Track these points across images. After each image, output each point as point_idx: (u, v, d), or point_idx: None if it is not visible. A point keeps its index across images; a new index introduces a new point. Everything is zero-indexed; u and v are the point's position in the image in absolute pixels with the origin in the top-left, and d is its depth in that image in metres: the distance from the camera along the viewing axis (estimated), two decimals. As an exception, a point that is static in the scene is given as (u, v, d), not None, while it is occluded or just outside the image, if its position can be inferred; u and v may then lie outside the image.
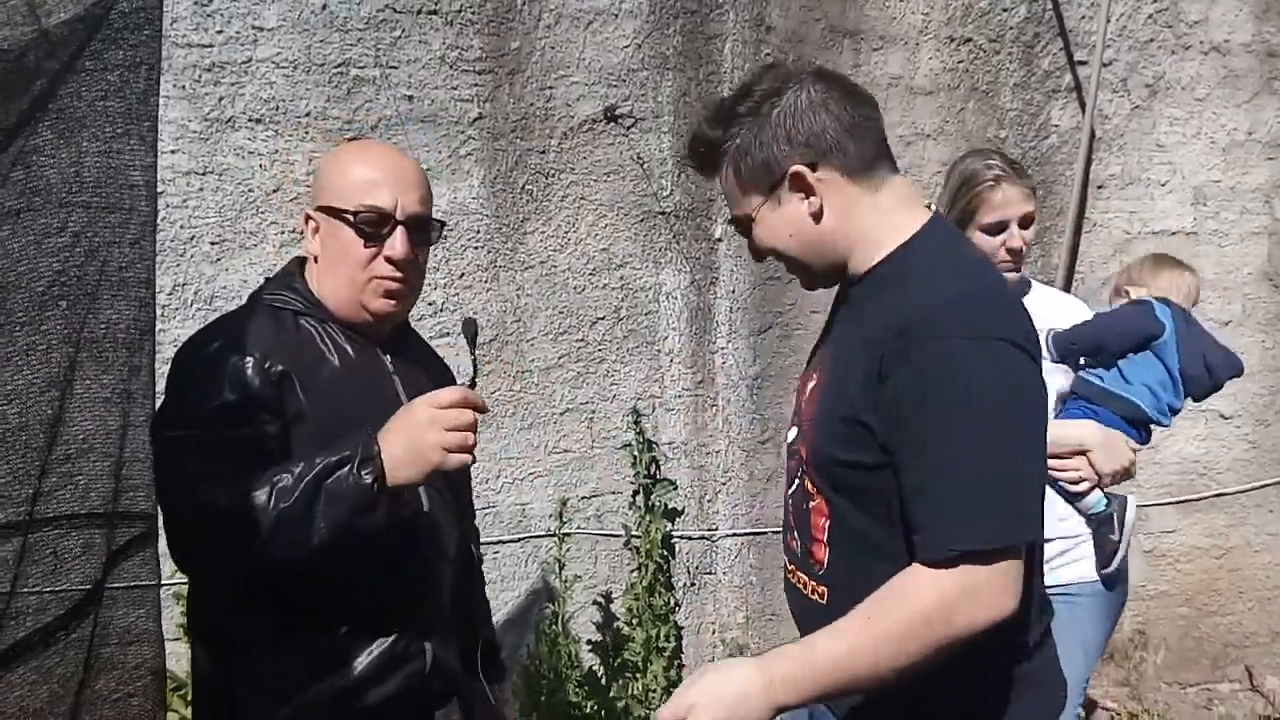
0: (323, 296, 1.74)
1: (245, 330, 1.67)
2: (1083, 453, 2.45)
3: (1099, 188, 3.86)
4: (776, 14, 3.49)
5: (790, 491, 1.68)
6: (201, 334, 1.73)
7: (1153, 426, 2.57)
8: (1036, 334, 1.51)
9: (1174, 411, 2.56)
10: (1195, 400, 2.63)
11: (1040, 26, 3.73)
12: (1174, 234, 3.92)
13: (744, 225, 1.64)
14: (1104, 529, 2.46)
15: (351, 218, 1.67)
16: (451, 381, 1.87)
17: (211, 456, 1.57)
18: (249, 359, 1.62)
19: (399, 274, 1.71)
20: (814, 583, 1.63)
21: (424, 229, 1.74)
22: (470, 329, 1.74)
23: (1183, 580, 4.10)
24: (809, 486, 1.60)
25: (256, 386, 1.61)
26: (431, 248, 1.82)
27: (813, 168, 1.53)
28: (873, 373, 1.45)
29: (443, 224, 1.81)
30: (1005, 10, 3.68)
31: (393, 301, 1.73)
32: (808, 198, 1.54)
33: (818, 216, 1.55)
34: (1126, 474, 2.50)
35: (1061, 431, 2.44)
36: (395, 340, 1.80)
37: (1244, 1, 3.87)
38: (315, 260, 1.75)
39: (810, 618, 1.62)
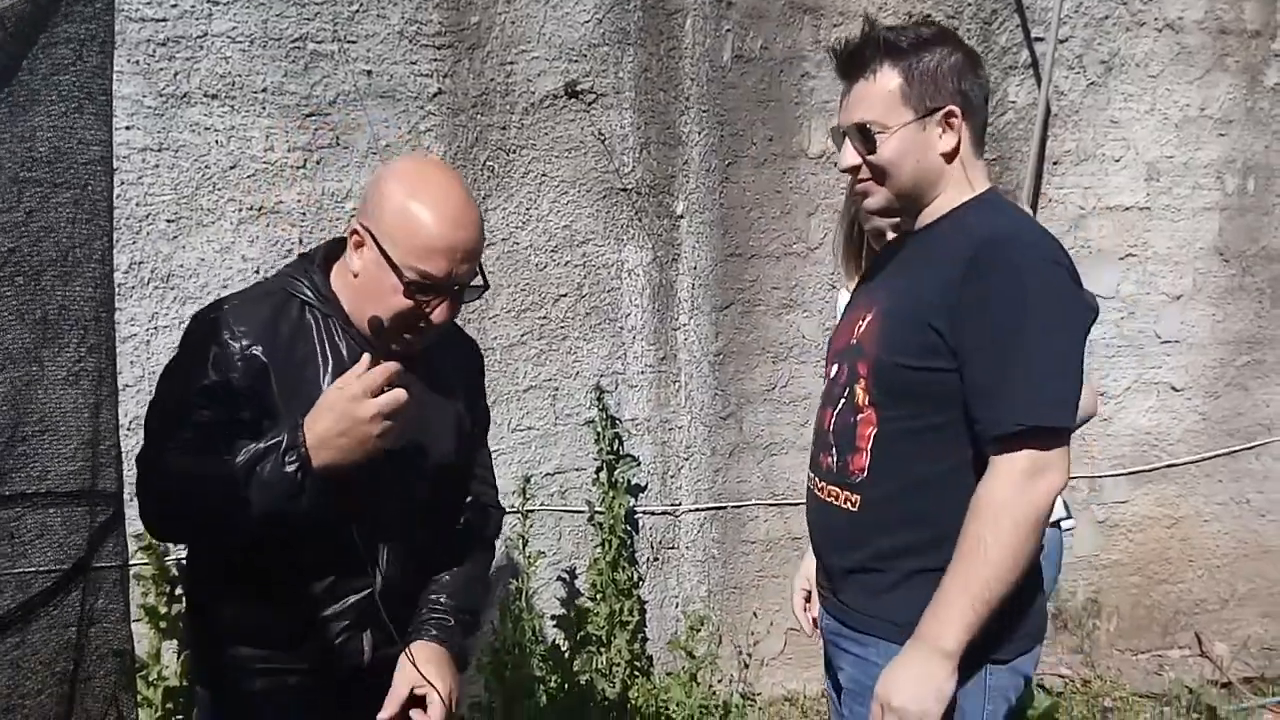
0: (344, 301, 1.73)
1: (246, 310, 1.70)
2: None
3: (1054, 163, 3.91)
4: (737, -10, 3.49)
5: (835, 411, 1.83)
6: (213, 304, 1.76)
7: None
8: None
9: None
10: None
11: (998, 3, 3.76)
12: (1128, 209, 3.99)
13: (865, 133, 1.76)
14: None
15: (402, 277, 1.63)
16: (464, 394, 1.88)
17: (177, 427, 1.65)
18: (236, 343, 1.65)
19: (433, 330, 1.69)
20: (847, 492, 1.80)
21: (473, 293, 1.72)
22: (375, 322, 1.70)
23: (1135, 549, 4.19)
24: (860, 400, 1.78)
25: (234, 373, 1.64)
26: None
27: (962, 115, 1.74)
28: (953, 283, 1.66)
29: (487, 286, 1.75)
30: (963, -13, 3.71)
31: (411, 349, 1.71)
32: (945, 134, 1.74)
33: (949, 156, 1.76)
34: None
35: None
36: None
37: (1196, -21, 3.93)
38: (354, 275, 1.70)
39: (838, 526, 1.83)
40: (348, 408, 1.55)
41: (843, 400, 1.81)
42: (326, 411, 1.56)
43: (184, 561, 2.00)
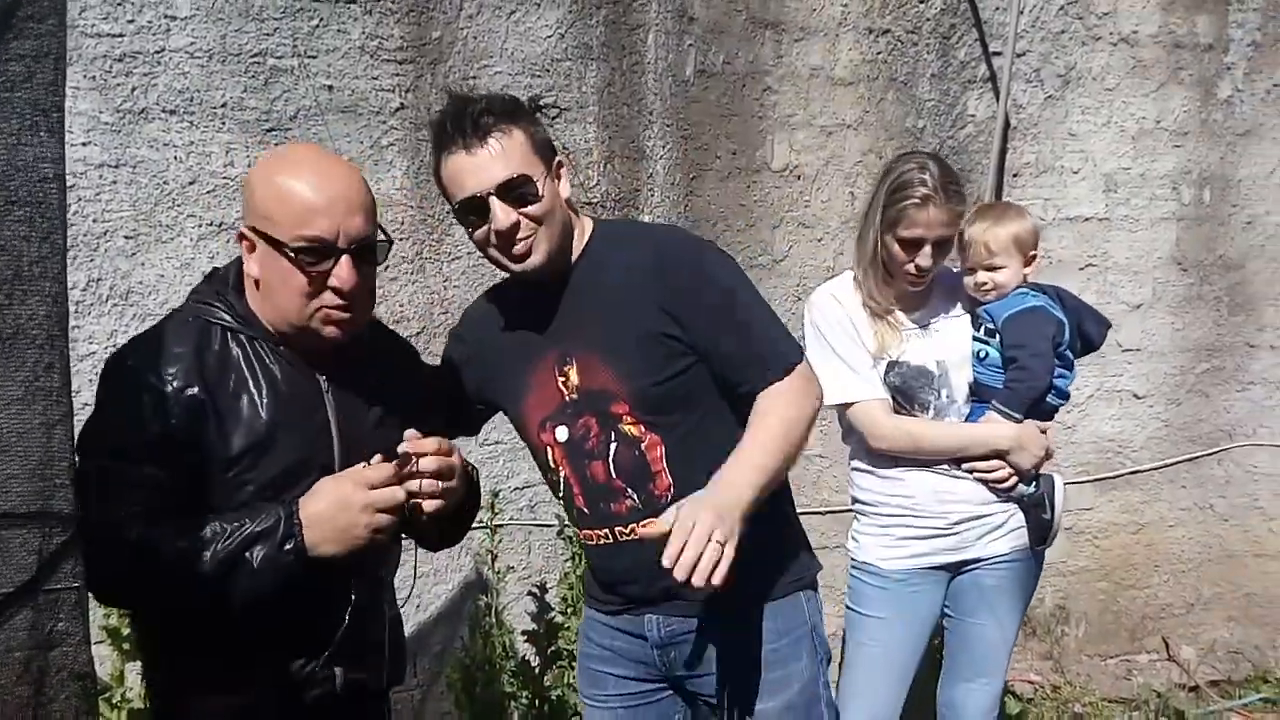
0: (261, 314, 1.66)
1: (169, 348, 1.61)
2: (1001, 454, 2.48)
3: (1014, 176, 3.95)
4: (699, 5, 3.51)
5: (608, 459, 1.87)
6: (129, 347, 1.68)
7: (1062, 404, 2.61)
8: None
9: (1068, 385, 2.59)
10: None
11: (956, 18, 3.81)
12: (1087, 220, 4.04)
13: (525, 185, 1.78)
14: (1037, 509, 2.51)
15: (292, 251, 1.56)
16: (406, 392, 1.80)
17: (127, 490, 1.56)
18: (168, 386, 1.57)
19: (346, 303, 1.61)
20: None
21: (369, 251, 1.63)
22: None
23: (1101, 556, 4.22)
24: (634, 431, 1.86)
25: (172, 418, 1.56)
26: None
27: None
28: (655, 294, 1.82)
29: (390, 241, 1.70)
30: (922, 2, 3.75)
31: (342, 330, 1.64)
32: (560, 184, 1.86)
33: (568, 203, 1.89)
34: (1048, 456, 2.54)
35: (975, 434, 2.48)
36: (339, 356, 1.70)
37: (1150, -7, 4.00)
38: (255, 284, 1.64)
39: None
40: (342, 492, 1.54)
41: (614, 444, 1.86)
42: (320, 497, 1.55)
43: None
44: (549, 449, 1.93)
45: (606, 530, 1.92)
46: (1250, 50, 4.14)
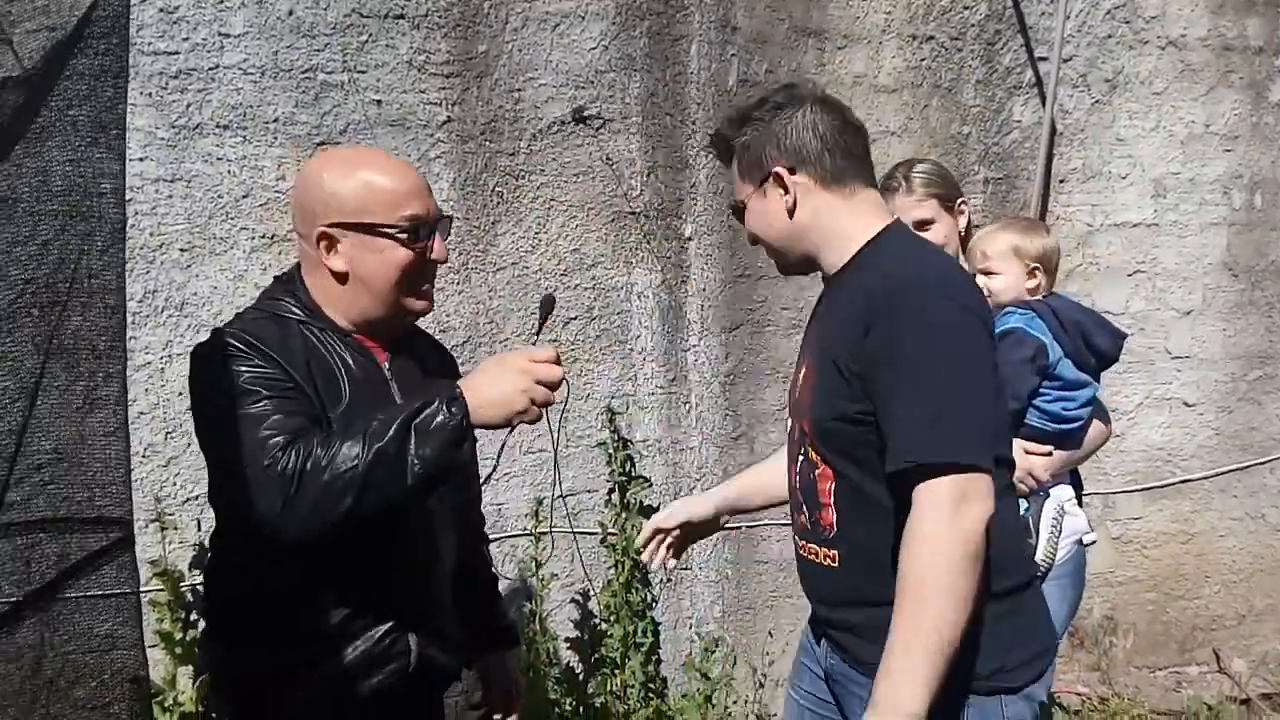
0: (336, 308, 1.78)
1: (253, 331, 1.72)
2: None
3: (1061, 181, 3.92)
4: (742, 15, 3.53)
5: (796, 469, 1.88)
6: (213, 335, 1.74)
7: (1071, 425, 2.48)
8: (985, 301, 1.87)
9: (1084, 403, 2.47)
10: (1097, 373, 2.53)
11: (1001, 24, 3.79)
12: (1135, 226, 3.99)
13: (739, 211, 1.93)
14: (1024, 534, 2.39)
15: (396, 231, 1.73)
16: (450, 375, 1.95)
17: (276, 414, 1.61)
18: (259, 350, 1.68)
19: (435, 272, 1.83)
20: (825, 549, 1.82)
21: (446, 225, 1.85)
22: (546, 306, 1.91)
23: (1150, 565, 4.17)
24: (813, 455, 1.82)
25: (271, 370, 1.66)
26: None
27: (791, 171, 1.82)
28: (860, 329, 1.69)
29: (451, 219, 1.91)
30: (966, 8, 3.74)
31: (428, 301, 1.83)
32: (784, 195, 1.83)
33: (791, 212, 1.84)
34: (1040, 483, 2.43)
35: None
36: (394, 344, 1.85)
37: (1199, -4, 3.95)
38: (340, 279, 1.76)
39: (827, 583, 1.85)
40: (505, 361, 1.63)
41: (801, 458, 1.86)
42: (482, 368, 1.65)
43: (204, 586, 2.02)
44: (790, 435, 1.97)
45: (793, 532, 1.95)
46: (1303, 52, 4.08)
